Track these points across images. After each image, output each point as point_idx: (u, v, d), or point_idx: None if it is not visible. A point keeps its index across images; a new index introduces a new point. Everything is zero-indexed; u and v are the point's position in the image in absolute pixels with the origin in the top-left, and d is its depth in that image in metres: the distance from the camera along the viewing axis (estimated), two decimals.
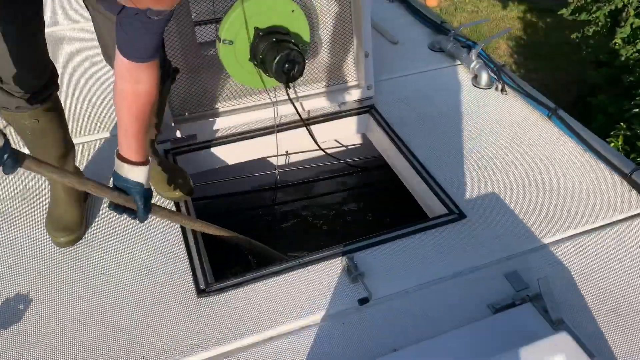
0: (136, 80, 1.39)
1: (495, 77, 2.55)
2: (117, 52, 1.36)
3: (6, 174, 1.24)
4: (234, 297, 1.64)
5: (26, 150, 1.49)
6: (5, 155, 1.21)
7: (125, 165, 1.47)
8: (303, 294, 1.64)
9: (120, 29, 1.30)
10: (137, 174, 1.48)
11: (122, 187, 1.49)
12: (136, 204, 1.50)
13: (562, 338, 1.31)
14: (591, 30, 4.86)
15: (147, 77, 1.40)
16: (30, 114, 1.55)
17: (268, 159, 2.59)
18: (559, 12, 5.30)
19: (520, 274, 1.69)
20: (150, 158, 1.92)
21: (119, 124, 1.45)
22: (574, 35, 5.17)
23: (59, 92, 1.67)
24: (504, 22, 6.50)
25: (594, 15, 4.74)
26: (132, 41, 1.32)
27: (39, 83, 1.54)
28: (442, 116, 2.38)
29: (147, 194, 1.52)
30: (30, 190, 1.96)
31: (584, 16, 4.86)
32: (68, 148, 1.76)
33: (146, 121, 1.46)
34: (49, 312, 1.59)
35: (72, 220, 1.78)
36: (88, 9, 1.58)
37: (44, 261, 1.73)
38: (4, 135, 1.21)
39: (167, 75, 1.76)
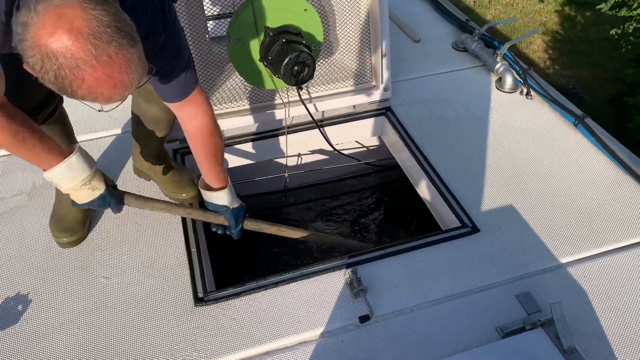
0: (189, 117, 1.48)
1: (521, 80, 2.42)
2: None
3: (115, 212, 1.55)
4: (231, 307, 1.60)
5: None
6: (110, 202, 1.50)
7: (207, 193, 1.64)
8: (302, 308, 1.58)
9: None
10: (219, 198, 1.64)
11: (213, 209, 1.67)
12: (228, 222, 1.68)
13: None
14: (632, 27, 4.60)
15: (197, 110, 1.47)
16: None
17: (278, 160, 2.54)
18: (597, 7, 5.04)
19: (533, 296, 1.60)
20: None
21: (194, 157, 1.61)
22: (613, 31, 4.91)
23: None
24: (540, 16, 6.24)
25: (635, 12, 4.49)
26: (158, 89, 1.41)
27: (41, 101, 1.51)
28: (462, 121, 2.28)
29: (235, 211, 1.68)
30: (37, 188, 1.96)
31: (624, 12, 4.60)
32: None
33: (213, 151, 1.56)
34: (48, 313, 1.58)
35: (76, 221, 1.77)
36: None
37: (46, 261, 1.72)
38: (109, 185, 1.49)
39: None
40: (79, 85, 0.94)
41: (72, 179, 1.41)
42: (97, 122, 2.24)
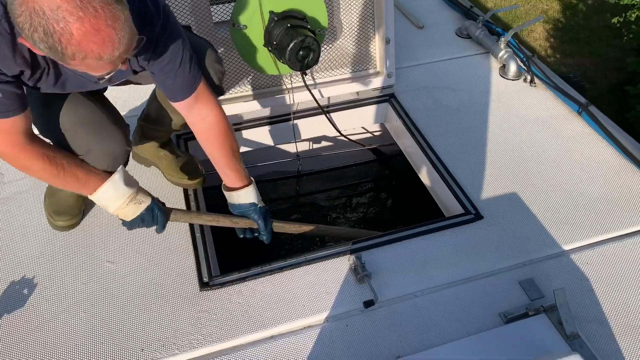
0: (201, 116, 1.47)
1: (525, 67, 2.41)
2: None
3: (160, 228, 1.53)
4: (237, 292, 1.60)
5: None
6: (157, 214, 1.49)
7: (233, 193, 1.59)
8: (307, 293, 1.59)
9: None
10: (246, 196, 1.59)
11: (241, 213, 1.62)
12: (256, 223, 1.62)
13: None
14: (634, 15, 4.59)
15: (209, 108, 1.45)
16: None
17: (282, 147, 2.53)
18: None
19: (536, 282, 1.61)
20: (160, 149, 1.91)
21: (211, 160, 1.56)
22: (615, 20, 4.89)
23: None
24: (541, 4, 6.21)
25: (638, 0, 4.47)
26: (165, 88, 1.41)
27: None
28: (465, 108, 2.27)
29: (263, 210, 1.63)
30: None
31: (627, 0, 4.59)
32: None
33: (230, 148, 1.53)
34: (53, 297, 1.59)
35: (74, 205, 1.77)
36: None
37: (51, 245, 1.73)
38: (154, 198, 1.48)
39: None
40: (68, 40, 0.95)
41: (118, 197, 1.42)
42: None
